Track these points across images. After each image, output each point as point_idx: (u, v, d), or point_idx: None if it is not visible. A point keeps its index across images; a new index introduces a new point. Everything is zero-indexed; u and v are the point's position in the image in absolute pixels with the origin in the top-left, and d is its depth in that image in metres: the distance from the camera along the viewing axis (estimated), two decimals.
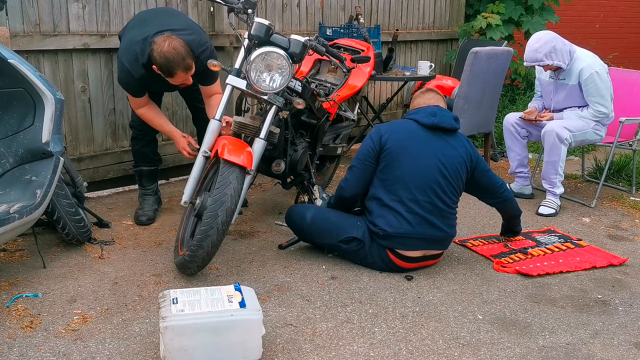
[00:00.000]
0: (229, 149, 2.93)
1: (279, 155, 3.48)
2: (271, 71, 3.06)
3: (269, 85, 3.07)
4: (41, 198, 2.82)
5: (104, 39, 4.04)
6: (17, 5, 3.67)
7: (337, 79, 4.32)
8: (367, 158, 3.17)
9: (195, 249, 2.84)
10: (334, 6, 5.58)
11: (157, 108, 3.63)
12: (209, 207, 2.83)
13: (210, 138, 3.12)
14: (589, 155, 5.24)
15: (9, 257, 3.18)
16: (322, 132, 3.91)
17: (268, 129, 3.16)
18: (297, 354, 2.41)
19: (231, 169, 2.89)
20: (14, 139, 2.97)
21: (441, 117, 3.15)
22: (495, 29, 6.06)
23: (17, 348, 2.38)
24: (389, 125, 3.25)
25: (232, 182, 2.87)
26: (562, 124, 4.17)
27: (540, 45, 4.12)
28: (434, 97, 3.31)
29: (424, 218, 3.08)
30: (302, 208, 3.37)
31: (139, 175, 3.83)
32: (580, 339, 2.62)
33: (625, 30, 9.30)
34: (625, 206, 4.40)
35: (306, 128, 3.81)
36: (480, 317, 2.77)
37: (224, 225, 2.84)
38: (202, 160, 3.11)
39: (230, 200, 2.84)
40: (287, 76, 3.08)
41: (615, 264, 3.37)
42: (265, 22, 3.11)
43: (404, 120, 3.26)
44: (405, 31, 6.22)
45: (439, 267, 3.27)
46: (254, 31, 3.10)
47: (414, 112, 3.24)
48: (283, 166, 3.47)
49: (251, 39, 3.13)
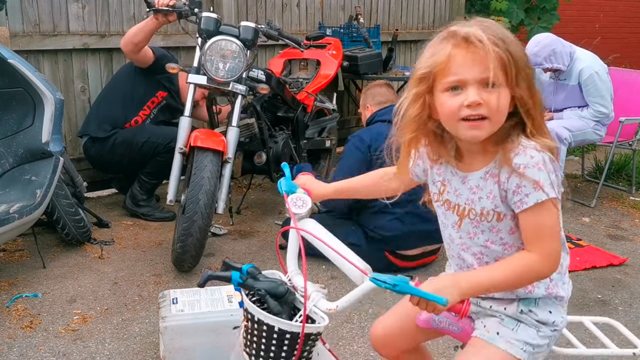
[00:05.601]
0: (201, 138, 3.00)
1: (258, 147, 3.57)
2: (225, 59, 3.11)
3: (227, 73, 3.12)
4: (41, 198, 2.82)
5: (104, 39, 4.04)
6: (17, 5, 3.67)
7: (309, 74, 4.48)
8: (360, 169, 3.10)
9: (185, 238, 2.86)
10: (334, 6, 5.58)
11: None
12: (189, 193, 2.89)
13: (183, 134, 3.15)
14: (589, 155, 5.24)
15: (8, 257, 3.18)
16: (302, 124, 3.97)
17: (238, 115, 3.23)
18: None
19: (205, 154, 2.96)
20: (14, 139, 2.97)
21: None
22: None
23: (17, 348, 2.38)
24: (367, 132, 3.19)
25: (207, 165, 2.93)
26: (561, 123, 4.17)
27: (540, 49, 4.12)
28: (390, 92, 3.35)
29: (418, 215, 3.07)
30: None
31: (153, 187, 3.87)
32: (580, 338, 2.61)
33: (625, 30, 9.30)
34: (625, 206, 4.40)
35: (285, 122, 3.92)
36: None
37: (207, 208, 2.87)
38: (179, 157, 3.14)
39: (208, 182, 2.89)
40: (241, 60, 3.13)
41: (615, 264, 3.37)
42: (213, 15, 3.18)
43: (378, 124, 3.21)
44: (405, 31, 6.22)
45: (439, 266, 3.27)
46: (203, 25, 3.16)
47: (383, 113, 3.23)
48: (264, 157, 3.56)
49: (201, 34, 3.18)
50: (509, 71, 1.27)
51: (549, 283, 1.42)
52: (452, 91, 1.29)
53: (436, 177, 1.49)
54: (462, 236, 1.45)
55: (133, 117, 3.76)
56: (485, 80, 1.26)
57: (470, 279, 1.32)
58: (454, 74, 1.28)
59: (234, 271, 1.39)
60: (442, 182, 1.47)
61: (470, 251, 1.45)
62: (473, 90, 1.26)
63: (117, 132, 3.68)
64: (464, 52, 1.27)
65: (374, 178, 1.67)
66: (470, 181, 1.39)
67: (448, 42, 1.30)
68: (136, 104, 3.77)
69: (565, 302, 1.48)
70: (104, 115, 3.72)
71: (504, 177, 1.32)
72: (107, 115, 3.72)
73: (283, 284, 1.42)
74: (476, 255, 1.44)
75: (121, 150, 3.66)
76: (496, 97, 1.26)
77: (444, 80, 1.30)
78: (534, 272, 1.31)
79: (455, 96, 1.29)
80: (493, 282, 1.31)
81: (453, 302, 1.25)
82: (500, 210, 1.35)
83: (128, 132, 3.70)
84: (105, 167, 3.90)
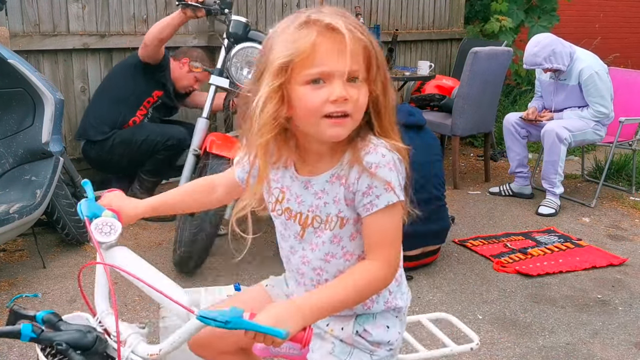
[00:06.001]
0: (217, 144, 2.96)
1: None
2: (251, 66, 3.08)
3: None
4: (41, 198, 2.82)
5: (104, 39, 4.04)
6: (17, 5, 3.67)
7: None
8: None
9: (191, 243, 2.85)
10: (334, 6, 5.57)
11: None
12: None
13: (199, 136, 3.14)
14: (589, 155, 5.24)
15: (8, 257, 3.18)
16: None
17: None
18: None
19: (219, 161, 2.91)
20: (14, 139, 2.97)
21: (417, 115, 3.22)
22: (507, 32, 6.05)
23: (17, 348, 2.38)
24: None
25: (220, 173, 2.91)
26: (561, 123, 4.17)
27: (540, 49, 4.12)
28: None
29: (419, 216, 3.08)
30: None
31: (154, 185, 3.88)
32: (580, 338, 2.62)
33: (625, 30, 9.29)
34: (625, 206, 4.40)
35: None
36: (480, 317, 2.77)
37: (216, 215, 2.85)
38: (192, 159, 3.12)
39: None
40: None
41: (615, 264, 3.37)
42: (242, 20, 3.17)
43: None
44: (405, 31, 6.22)
45: (438, 267, 3.27)
46: (232, 29, 3.15)
47: None
48: None
49: (229, 37, 3.18)
50: (371, 67, 1.18)
51: (388, 297, 1.34)
52: (314, 84, 1.15)
53: (273, 184, 1.34)
54: (305, 247, 1.33)
55: (131, 118, 3.77)
56: (351, 74, 1.15)
57: (312, 302, 1.17)
58: (318, 65, 1.14)
59: (25, 324, 1.09)
60: (281, 189, 1.33)
61: (310, 265, 1.33)
62: (339, 85, 1.14)
63: (115, 133, 3.69)
64: (330, 41, 1.14)
65: (192, 191, 1.50)
66: (315, 185, 1.27)
67: (311, 28, 1.16)
68: (134, 104, 3.78)
69: (404, 312, 1.40)
70: (101, 118, 3.73)
71: (354, 177, 1.22)
72: (105, 117, 3.72)
73: (91, 331, 1.18)
74: (316, 270, 1.32)
75: (120, 150, 3.67)
76: (360, 93, 1.17)
77: (305, 72, 1.14)
78: (377, 281, 1.21)
79: (317, 90, 1.15)
80: (334, 302, 1.19)
81: (294, 333, 1.10)
82: (344, 214, 1.25)
83: (126, 132, 3.71)
84: (105, 168, 3.90)
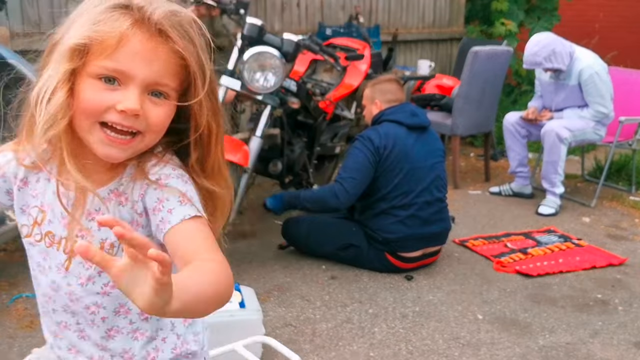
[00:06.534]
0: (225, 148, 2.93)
1: (276, 155, 3.48)
2: (265, 71, 3.07)
3: (262, 85, 3.08)
4: None
5: None
6: (17, 5, 3.68)
7: (333, 79, 4.31)
8: (368, 169, 3.09)
9: None
10: (334, 6, 5.58)
11: None
12: None
13: None
14: (589, 155, 5.23)
15: (9, 257, 3.18)
16: (319, 131, 3.91)
17: (264, 127, 3.17)
18: (297, 354, 2.41)
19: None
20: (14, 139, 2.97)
21: (421, 116, 3.20)
22: (512, 37, 6.05)
23: (17, 348, 2.38)
24: (376, 134, 3.13)
25: None
26: (562, 123, 4.17)
27: (540, 49, 4.12)
28: (400, 89, 3.34)
29: (420, 217, 3.08)
30: (296, 220, 3.37)
31: None
32: (580, 338, 2.62)
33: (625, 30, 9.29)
34: (625, 206, 4.40)
35: (303, 128, 3.81)
36: (480, 317, 2.77)
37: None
38: None
39: None
40: (280, 76, 3.08)
41: (615, 264, 3.37)
42: (257, 22, 3.13)
43: (386, 124, 3.18)
44: (405, 31, 6.22)
45: (439, 267, 3.27)
46: (247, 31, 3.11)
47: (391, 113, 3.20)
48: (280, 166, 3.48)
49: (244, 39, 3.15)
50: (196, 82, 0.97)
51: (177, 341, 1.13)
52: (105, 82, 0.94)
53: (31, 201, 1.07)
54: (71, 283, 1.05)
55: None
56: (156, 86, 0.95)
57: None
58: (119, 60, 0.93)
59: None
60: (41, 207, 1.06)
61: (82, 303, 1.06)
62: (135, 94, 0.94)
63: None
64: (146, 38, 0.93)
65: None
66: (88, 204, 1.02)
67: (126, 15, 0.94)
68: None
69: (203, 356, 1.18)
70: None
71: (137, 194, 1.01)
72: None
73: None
74: (90, 308, 1.06)
75: None
76: (162, 113, 0.97)
77: (100, 63, 0.93)
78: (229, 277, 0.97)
79: (106, 90, 0.94)
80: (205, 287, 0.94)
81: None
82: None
83: None
84: None
